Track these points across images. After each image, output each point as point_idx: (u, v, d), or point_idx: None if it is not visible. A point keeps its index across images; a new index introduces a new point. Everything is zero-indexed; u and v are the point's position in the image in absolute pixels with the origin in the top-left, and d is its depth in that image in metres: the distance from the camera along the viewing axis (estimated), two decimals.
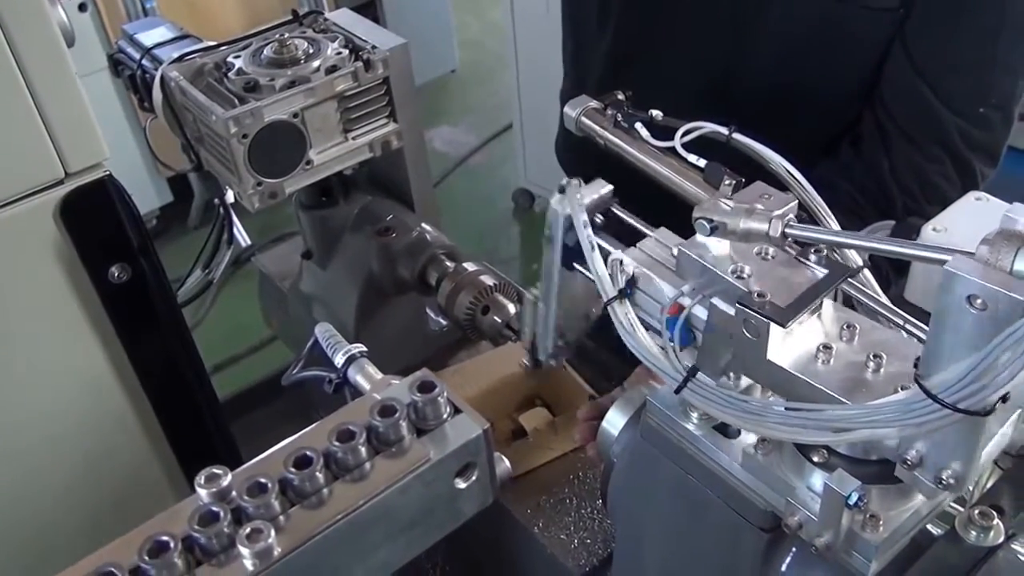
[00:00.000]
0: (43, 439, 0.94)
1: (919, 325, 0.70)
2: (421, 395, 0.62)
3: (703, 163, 0.79)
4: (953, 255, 0.49)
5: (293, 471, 0.57)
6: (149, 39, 1.18)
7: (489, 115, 4.09)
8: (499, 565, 1.21)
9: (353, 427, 0.59)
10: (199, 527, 0.54)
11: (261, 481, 0.56)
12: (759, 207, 0.64)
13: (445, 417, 0.63)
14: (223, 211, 1.32)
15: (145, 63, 1.15)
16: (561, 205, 0.77)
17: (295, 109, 1.04)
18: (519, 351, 1.20)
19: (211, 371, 1.08)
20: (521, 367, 1.14)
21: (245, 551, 0.53)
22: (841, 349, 0.62)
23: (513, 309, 1.11)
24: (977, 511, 0.64)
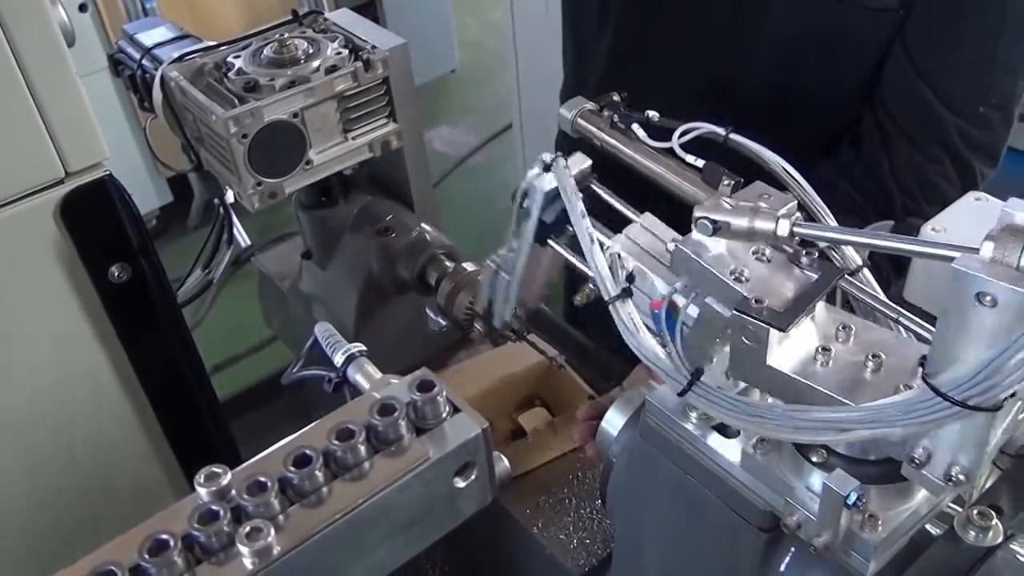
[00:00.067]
0: (43, 438, 0.94)
1: (921, 323, 0.70)
2: (420, 394, 0.62)
3: (701, 163, 0.79)
4: (960, 252, 0.49)
5: (292, 470, 0.57)
6: (149, 39, 1.18)
7: (489, 115, 4.08)
8: (498, 565, 1.21)
9: (352, 426, 0.59)
10: (199, 526, 0.54)
11: (260, 480, 0.56)
12: (763, 206, 0.63)
13: (444, 416, 0.63)
14: (223, 211, 1.32)
15: (145, 63, 1.15)
16: (540, 181, 0.76)
17: (295, 109, 1.04)
18: (519, 351, 1.20)
19: (211, 371, 1.08)
20: (475, 334, 1.13)
21: (244, 550, 0.53)
22: (839, 350, 0.62)
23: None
24: (976, 511, 0.64)
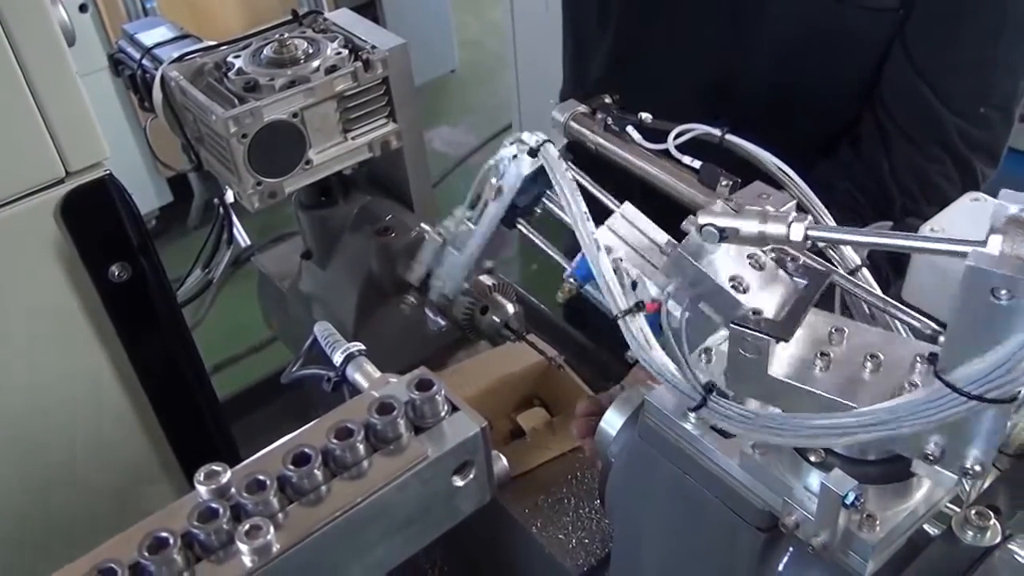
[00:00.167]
0: (43, 437, 0.94)
1: (924, 320, 0.70)
2: (419, 393, 0.62)
3: (698, 164, 0.79)
4: (969, 247, 0.48)
5: (291, 468, 0.57)
6: (149, 39, 1.18)
7: (489, 115, 4.08)
8: (497, 565, 1.21)
9: (351, 425, 0.59)
10: (198, 523, 0.54)
11: (260, 478, 0.56)
12: (771, 210, 0.60)
13: (443, 415, 0.63)
14: (223, 211, 1.32)
15: (145, 63, 1.15)
16: (519, 164, 0.73)
17: (295, 109, 1.04)
18: (518, 351, 1.20)
19: (211, 371, 1.08)
20: (404, 308, 1.12)
21: (244, 547, 0.53)
22: (837, 354, 0.61)
23: (512, 309, 1.11)
24: (974, 511, 0.64)
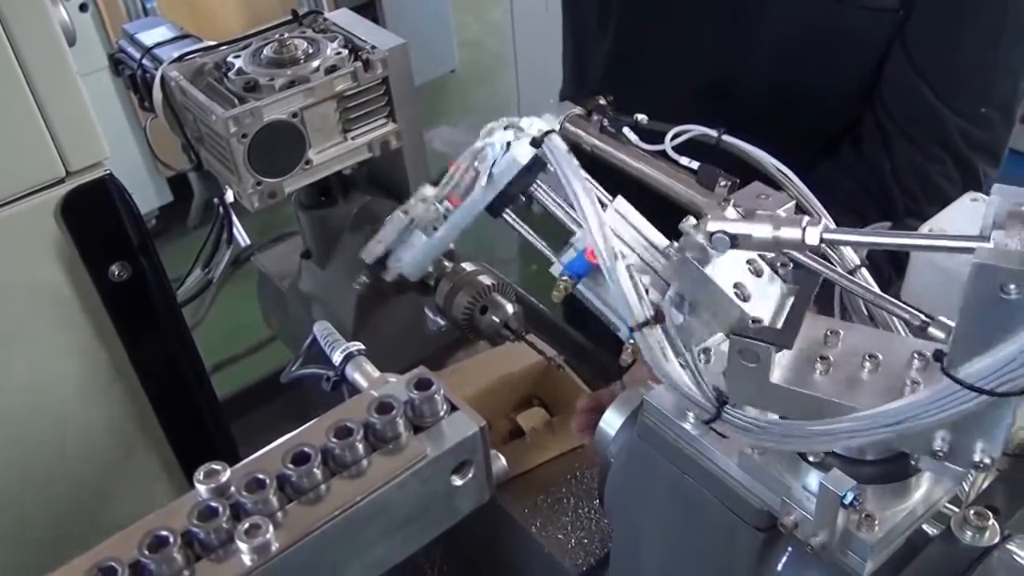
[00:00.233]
0: (43, 436, 0.94)
1: (926, 317, 0.70)
2: (418, 392, 0.62)
3: (695, 166, 0.79)
4: (977, 244, 0.49)
5: (291, 467, 0.57)
6: (149, 39, 1.18)
7: (489, 115, 4.02)
8: (497, 565, 1.21)
9: (350, 424, 0.59)
10: (198, 522, 0.54)
11: (259, 477, 0.56)
12: (782, 214, 0.59)
13: (442, 414, 0.63)
14: (223, 210, 1.32)
15: (145, 63, 1.15)
16: (518, 150, 0.69)
17: (294, 109, 1.04)
18: (517, 351, 1.20)
19: (210, 370, 1.08)
20: (356, 287, 1.11)
21: (243, 546, 0.54)
22: (835, 357, 0.61)
23: (511, 309, 1.11)
24: (972, 511, 0.64)
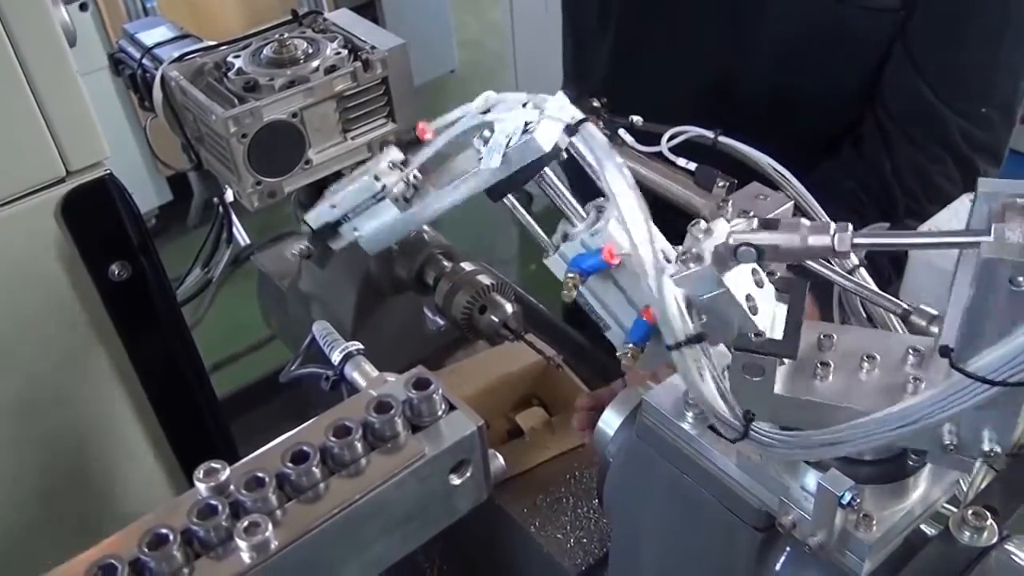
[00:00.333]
0: (42, 435, 0.94)
1: (906, 306, 0.70)
2: (416, 392, 0.62)
3: (693, 167, 0.79)
4: (980, 239, 0.49)
5: (290, 466, 0.57)
6: (150, 38, 1.18)
7: None
8: (496, 564, 1.21)
9: (349, 423, 0.60)
10: (198, 520, 0.54)
11: (259, 476, 0.56)
12: (805, 222, 0.57)
13: (440, 414, 0.63)
14: (222, 210, 1.32)
15: (145, 62, 1.15)
16: (543, 134, 0.64)
17: (294, 109, 1.04)
18: (516, 351, 1.20)
19: (210, 369, 1.08)
20: (294, 255, 1.10)
21: (243, 544, 0.54)
22: (835, 360, 0.61)
23: (510, 309, 1.12)
24: (970, 511, 0.64)
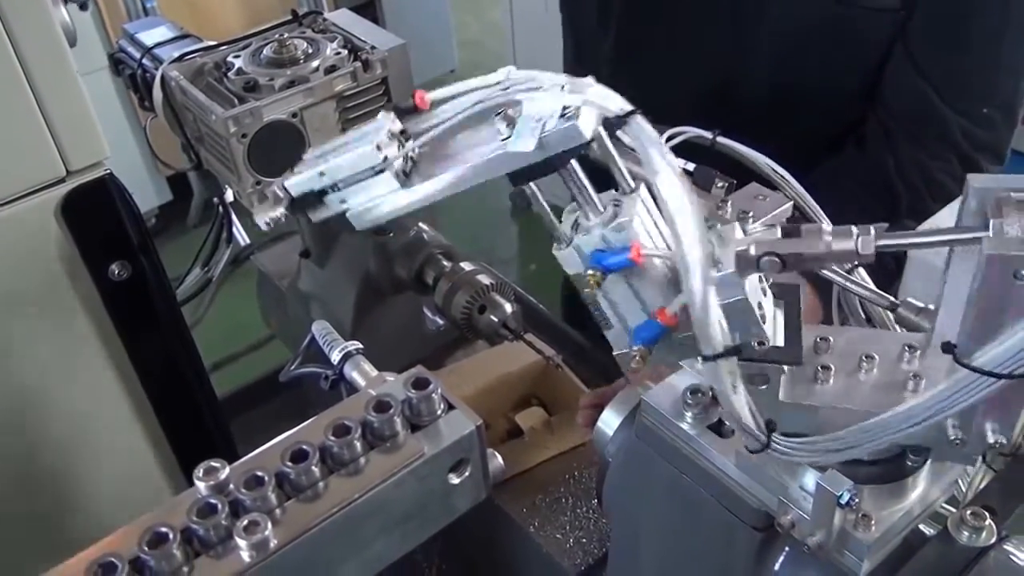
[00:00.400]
0: (43, 435, 0.94)
1: (892, 299, 0.70)
2: (415, 391, 0.62)
3: (691, 167, 0.79)
4: (982, 235, 0.50)
5: (289, 465, 0.57)
6: (150, 38, 1.18)
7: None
8: (495, 564, 1.21)
9: (348, 422, 0.60)
10: (197, 519, 0.54)
11: (258, 474, 0.56)
12: (826, 228, 0.55)
13: (439, 413, 0.63)
14: (222, 210, 1.32)
15: (145, 62, 1.16)
16: (585, 120, 0.58)
17: (294, 109, 1.04)
18: (516, 351, 1.20)
19: (210, 369, 1.08)
20: (269, 223, 1.09)
21: (242, 543, 0.54)
22: (835, 363, 0.61)
23: (510, 309, 1.12)
24: (969, 512, 0.64)
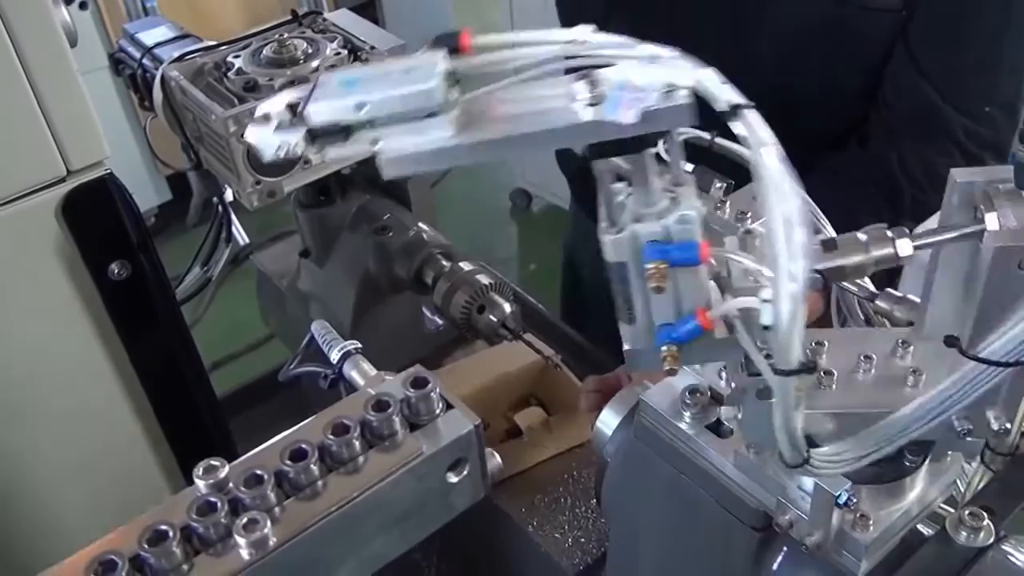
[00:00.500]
0: (43, 434, 0.94)
1: (872, 289, 0.71)
2: (414, 391, 0.62)
3: (690, 167, 0.79)
4: (985, 230, 0.51)
5: (288, 464, 0.58)
6: (150, 38, 1.18)
7: None
8: (494, 564, 1.21)
9: (347, 421, 0.60)
10: (197, 517, 0.54)
11: (257, 473, 0.57)
12: (861, 236, 0.55)
13: (438, 413, 0.63)
14: (222, 209, 1.32)
15: (146, 62, 1.16)
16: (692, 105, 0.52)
17: None
18: (515, 350, 1.20)
19: (209, 368, 1.09)
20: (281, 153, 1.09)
21: (241, 541, 0.54)
22: (836, 367, 0.61)
23: (509, 308, 1.12)
24: (967, 512, 0.64)
